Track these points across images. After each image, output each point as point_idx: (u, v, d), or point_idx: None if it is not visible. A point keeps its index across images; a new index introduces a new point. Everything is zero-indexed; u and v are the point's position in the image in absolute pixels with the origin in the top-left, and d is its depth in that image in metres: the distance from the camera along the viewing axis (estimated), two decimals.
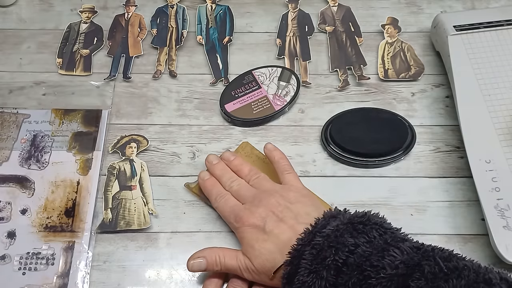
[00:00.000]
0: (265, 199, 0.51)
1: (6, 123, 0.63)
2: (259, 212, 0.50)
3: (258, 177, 0.55)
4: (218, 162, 0.57)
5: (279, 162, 0.55)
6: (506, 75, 0.61)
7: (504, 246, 0.51)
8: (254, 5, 0.76)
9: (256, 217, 0.50)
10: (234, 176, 0.56)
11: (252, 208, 0.51)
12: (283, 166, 0.55)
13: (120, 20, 0.74)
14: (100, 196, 0.58)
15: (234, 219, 0.51)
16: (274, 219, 0.49)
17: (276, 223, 0.48)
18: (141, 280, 0.54)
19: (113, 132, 0.63)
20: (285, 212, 0.49)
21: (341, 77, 0.68)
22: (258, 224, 0.49)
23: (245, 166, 0.56)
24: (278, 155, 0.56)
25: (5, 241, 0.55)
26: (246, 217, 0.50)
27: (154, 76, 0.68)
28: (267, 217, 0.49)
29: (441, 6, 0.75)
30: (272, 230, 0.48)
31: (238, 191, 0.54)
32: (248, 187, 0.54)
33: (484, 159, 0.56)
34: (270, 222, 0.49)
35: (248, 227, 0.50)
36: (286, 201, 0.50)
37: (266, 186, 0.53)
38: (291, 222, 0.48)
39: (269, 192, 0.52)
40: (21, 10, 0.75)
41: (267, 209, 0.50)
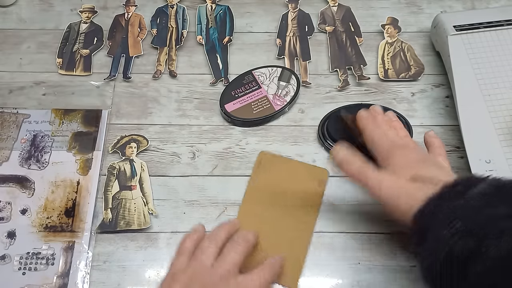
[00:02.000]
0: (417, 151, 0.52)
1: (6, 123, 0.63)
2: (411, 153, 0.51)
3: (414, 142, 0.54)
4: (381, 114, 0.57)
5: (436, 149, 0.54)
6: (506, 75, 0.61)
7: None
8: (254, 5, 0.76)
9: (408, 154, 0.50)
10: (391, 129, 0.55)
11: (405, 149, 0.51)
12: (439, 152, 0.53)
13: (120, 20, 0.74)
14: (100, 196, 0.58)
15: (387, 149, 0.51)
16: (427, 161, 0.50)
17: (429, 164, 0.49)
18: (141, 280, 0.54)
19: (113, 132, 0.63)
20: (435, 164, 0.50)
21: (341, 77, 0.68)
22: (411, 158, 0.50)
23: (403, 131, 0.56)
24: (438, 142, 0.55)
25: (5, 241, 0.55)
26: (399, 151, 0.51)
27: (154, 76, 0.68)
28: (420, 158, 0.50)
29: (441, 6, 0.75)
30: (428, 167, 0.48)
31: (395, 140, 0.53)
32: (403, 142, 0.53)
33: (484, 159, 0.56)
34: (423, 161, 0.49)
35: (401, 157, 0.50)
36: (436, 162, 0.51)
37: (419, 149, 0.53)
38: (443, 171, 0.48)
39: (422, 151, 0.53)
40: (21, 10, 0.75)
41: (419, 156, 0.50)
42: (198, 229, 0.53)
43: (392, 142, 0.52)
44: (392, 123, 0.56)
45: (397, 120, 0.57)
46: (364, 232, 0.56)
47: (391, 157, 0.50)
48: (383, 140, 0.53)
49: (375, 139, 0.53)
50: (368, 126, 0.55)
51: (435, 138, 0.55)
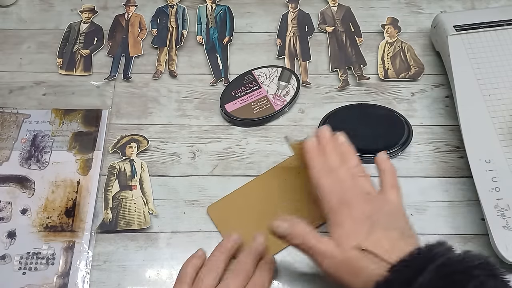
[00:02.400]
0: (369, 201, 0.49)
1: (6, 123, 0.63)
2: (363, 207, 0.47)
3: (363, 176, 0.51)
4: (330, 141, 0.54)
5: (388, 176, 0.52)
6: (506, 75, 0.61)
7: (504, 246, 0.51)
8: (254, 5, 0.76)
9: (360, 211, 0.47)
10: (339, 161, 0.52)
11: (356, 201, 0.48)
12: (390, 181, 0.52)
13: (120, 20, 0.74)
14: (100, 196, 0.58)
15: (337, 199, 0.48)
16: (379, 223, 0.46)
17: (380, 229, 0.46)
18: (141, 280, 0.54)
19: (113, 132, 0.63)
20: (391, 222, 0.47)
21: (341, 77, 0.68)
22: (361, 220, 0.47)
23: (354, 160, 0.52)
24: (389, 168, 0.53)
25: (5, 241, 0.55)
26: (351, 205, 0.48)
27: (154, 76, 0.68)
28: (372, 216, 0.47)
29: (441, 6, 0.75)
30: (375, 232, 0.45)
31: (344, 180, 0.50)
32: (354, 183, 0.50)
33: (484, 159, 0.56)
34: (375, 224, 0.46)
35: (350, 217, 0.47)
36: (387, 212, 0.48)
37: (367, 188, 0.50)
38: (396, 234, 0.45)
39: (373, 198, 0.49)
40: (21, 10, 0.75)
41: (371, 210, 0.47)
42: (198, 254, 0.52)
43: (340, 187, 0.49)
44: (342, 148, 0.53)
45: (347, 145, 0.54)
46: None
47: (338, 215, 0.48)
48: (330, 186, 0.50)
49: (321, 187, 0.50)
50: (314, 162, 0.52)
51: (385, 162, 0.53)
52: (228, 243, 0.52)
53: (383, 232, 0.46)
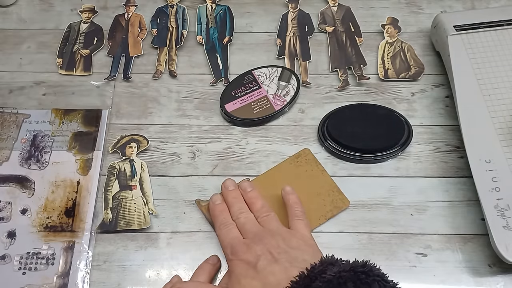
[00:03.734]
0: (266, 239, 0.50)
1: (6, 123, 0.63)
2: (255, 249, 0.49)
3: (267, 216, 0.53)
4: (233, 189, 0.56)
5: (292, 207, 0.54)
6: (506, 75, 0.61)
7: (504, 246, 0.51)
8: (254, 5, 0.76)
9: (251, 253, 0.49)
10: (244, 208, 0.55)
11: (250, 244, 0.50)
12: (295, 212, 0.54)
13: (120, 20, 0.74)
14: (100, 196, 0.58)
15: (230, 251, 0.50)
16: (268, 258, 0.48)
17: (269, 263, 0.48)
18: (141, 280, 0.54)
19: (113, 132, 0.63)
20: (282, 255, 0.48)
21: (341, 77, 0.68)
22: (250, 261, 0.48)
23: (259, 201, 0.55)
24: (293, 199, 0.55)
25: (5, 241, 0.55)
26: (241, 251, 0.49)
27: (154, 76, 0.68)
28: (262, 255, 0.48)
29: (441, 6, 0.75)
30: (264, 269, 0.47)
31: (244, 224, 0.53)
32: (254, 223, 0.53)
33: (484, 159, 0.56)
34: (263, 261, 0.48)
35: (241, 261, 0.49)
36: (287, 245, 0.49)
37: (272, 226, 0.52)
38: (285, 264, 0.47)
39: (273, 232, 0.51)
40: (21, 10, 0.75)
41: (264, 248, 0.49)
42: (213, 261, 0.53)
43: (235, 238, 0.51)
44: (247, 195, 0.56)
45: (252, 188, 0.56)
46: (364, 232, 0.56)
47: (230, 262, 0.50)
48: (227, 238, 0.52)
49: (220, 238, 0.53)
50: (217, 219, 0.54)
51: (290, 195, 0.55)
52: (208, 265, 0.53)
53: (272, 266, 0.47)
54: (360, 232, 0.56)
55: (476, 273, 0.54)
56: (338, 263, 0.44)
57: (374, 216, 0.57)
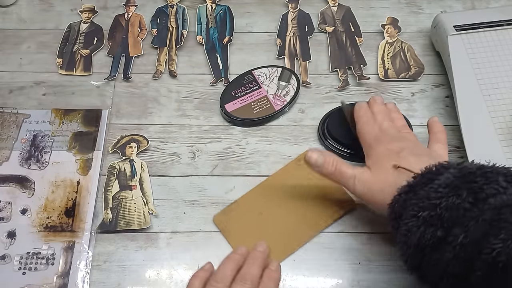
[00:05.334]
0: (407, 141, 0.52)
1: (6, 123, 0.63)
2: (398, 144, 0.51)
3: (409, 132, 0.55)
4: (381, 104, 0.58)
5: (437, 134, 0.55)
6: (506, 75, 0.61)
7: None
8: (254, 5, 0.76)
9: (394, 144, 0.51)
10: (388, 119, 0.56)
11: (394, 139, 0.52)
12: (438, 137, 0.54)
13: (120, 20, 0.74)
14: (100, 196, 0.58)
15: (374, 138, 0.52)
16: (411, 151, 0.49)
17: (411, 154, 0.49)
18: (141, 280, 0.54)
19: (113, 132, 0.63)
20: (424, 153, 0.50)
21: (341, 77, 0.68)
22: (394, 149, 0.50)
23: (402, 121, 0.56)
24: (439, 127, 0.56)
25: (5, 241, 0.55)
26: (385, 141, 0.51)
27: (154, 76, 0.68)
28: (405, 148, 0.50)
29: (441, 6, 0.75)
30: (407, 157, 0.48)
31: (387, 129, 0.54)
32: (396, 130, 0.54)
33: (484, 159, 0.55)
34: (406, 152, 0.49)
35: (384, 147, 0.50)
36: (427, 151, 0.51)
37: (413, 139, 0.54)
38: (426, 158, 0.48)
39: (414, 141, 0.53)
40: (21, 10, 0.75)
41: (406, 145, 0.50)
42: (205, 268, 0.52)
43: (380, 131, 0.53)
44: (391, 114, 0.57)
45: (396, 111, 0.58)
46: (364, 232, 0.56)
47: (374, 147, 0.51)
48: (371, 129, 0.54)
49: (364, 129, 0.54)
50: (362, 118, 0.56)
51: (436, 122, 0.56)
52: (235, 255, 0.52)
53: (414, 157, 0.48)
54: (361, 232, 0.56)
55: None
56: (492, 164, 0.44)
57: (374, 216, 0.57)
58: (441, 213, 0.40)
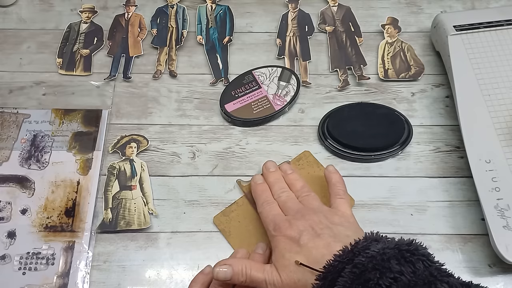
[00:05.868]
0: (307, 215, 0.50)
1: (6, 123, 0.63)
2: (297, 225, 0.49)
3: (308, 195, 0.54)
4: (274, 171, 0.57)
5: (335, 185, 0.54)
6: (506, 75, 0.61)
7: (504, 246, 0.51)
8: (254, 5, 0.76)
9: (293, 229, 0.49)
10: (285, 188, 0.55)
11: (292, 221, 0.50)
12: (337, 190, 0.54)
13: (120, 20, 0.74)
14: (100, 196, 0.58)
15: (273, 228, 0.50)
16: (311, 233, 0.48)
17: (312, 238, 0.47)
18: (141, 280, 0.54)
19: (113, 132, 0.63)
20: (325, 230, 0.48)
21: (341, 77, 0.68)
22: (293, 236, 0.48)
23: (299, 182, 0.56)
24: (336, 178, 0.55)
25: (5, 241, 0.55)
26: (284, 228, 0.49)
27: (154, 76, 0.68)
28: (304, 230, 0.48)
29: (441, 6, 0.75)
30: (307, 244, 0.47)
31: (285, 202, 0.53)
32: (295, 201, 0.53)
33: (484, 159, 0.56)
34: (306, 236, 0.48)
35: (284, 237, 0.49)
36: (329, 221, 0.49)
37: (313, 204, 0.53)
38: (328, 239, 0.47)
39: (314, 210, 0.51)
40: (21, 10, 0.75)
41: (306, 224, 0.49)
42: (205, 271, 0.52)
43: (277, 215, 0.51)
44: (287, 177, 0.56)
45: (292, 171, 0.57)
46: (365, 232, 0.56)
47: (274, 238, 0.50)
48: (271, 211, 0.52)
49: (262, 216, 0.53)
50: (260, 198, 0.54)
51: (332, 173, 0.56)
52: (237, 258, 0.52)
53: (315, 241, 0.47)
54: None
55: (476, 273, 0.54)
56: (383, 240, 0.44)
57: (374, 216, 0.57)
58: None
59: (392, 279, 0.40)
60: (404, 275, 0.40)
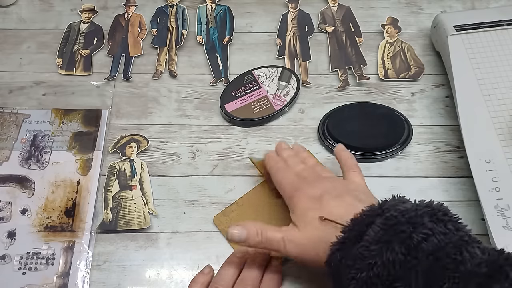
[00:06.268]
0: (325, 181, 0.50)
1: (6, 123, 0.63)
2: (318, 186, 0.49)
3: (322, 169, 0.54)
4: (287, 148, 0.57)
5: (347, 160, 0.54)
6: (506, 75, 0.61)
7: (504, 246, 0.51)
8: (254, 5, 0.76)
9: (315, 188, 0.49)
10: (300, 162, 0.55)
11: (312, 183, 0.50)
12: (349, 165, 0.53)
13: (120, 20, 0.74)
14: (100, 196, 0.58)
15: (293, 187, 0.50)
16: (332, 194, 0.48)
17: (334, 198, 0.47)
18: (141, 280, 0.54)
19: (113, 132, 0.63)
20: (344, 193, 0.48)
21: (341, 77, 0.68)
22: (315, 194, 0.48)
23: (312, 159, 0.56)
24: (346, 154, 0.55)
25: (5, 241, 0.55)
26: (304, 187, 0.49)
27: (154, 76, 0.68)
28: (325, 191, 0.48)
29: (441, 6, 0.75)
30: (329, 202, 0.47)
31: (301, 172, 0.53)
32: (311, 171, 0.53)
33: (484, 159, 0.56)
34: (327, 196, 0.47)
35: (305, 196, 0.48)
36: (346, 187, 0.49)
37: (328, 175, 0.53)
38: (350, 199, 0.47)
39: (330, 179, 0.51)
40: (21, 10, 0.75)
41: (326, 186, 0.49)
42: (205, 271, 0.52)
43: (296, 176, 0.51)
44: (300, 154, 0.56)
45: (304, 150, 0.57)
46: None
47: (294, 199, 0.49)
48: (287, 176, 0.52)
49: (278, 180, 0.53)
50: (273, 168, 0.54)
51: (342, 151, 0.55)
52: (235, 258, 0.52)
53: (336, 200, 0.47)
54: None
55: None
56: (410, 202, 0.44)
57: None
58: (379, 272, 0.39)
59: (425, 235, 0.39)
60: (435, 235, 0.40)
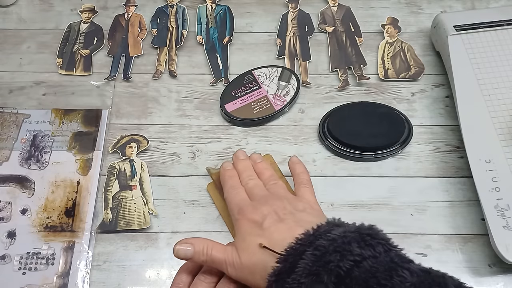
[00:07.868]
0: (272, 201, 0.51)
1: (6, 123, 0.63)
2: (261, 210, 0.49)
3: (275, 183, 0.54)
4: (244, 159, 0.57)
5: (299, 175, 0.55)
6: (506, 75, 0.61)
7: (504, 246, 0.51)
8: (254, 5, 0.76)
9: (257, 213, 0.49)
10: (253, 175, 0.55)
11: (256, 205, 0.50)
12: (301, 179, 0.55)
13: (120, 20, 0.74)
14: (100, 196, 0.58)
15: (237, 211, 0.51)
16: (274, 218, 0.48)
17: (275, 222, 0.48)
18: (141, 280, 0.54)
19: (113, 132, 0.63)
20: (288, 215, 0.48)
21: (341, 77, 0.68)
22: (257, 219, 0.48)
23: (268, 171, 0.56)
24: (300, 168, 0.56)
25: (5, 241, 0.55)
26: (248, 211, 0.50)
27: (154, 76, 0.68)
28: (268, 215, 0.48)
29: (441, 6, 0.75)
30: (269, 227, 0.47)
31: (252, 189, 0.53)
32: (262, 188, 0.54)
33: (484, 159, 0.56)
34: (269, 220, 0.48)
35: (247, 220, 0.49)
36: (293, 207, 0.50)
37: (279, 191, 0.53)
38: (291, 224, 0.47)
39: (280, 197, 0.52)
40: (21, 10, 0.75)
41: (270, 209, 0.49)
42: None
43: (242, 198, 0.52)
44: (256, 166, 0.57)
45: (261, 161, 0.58)
46: None
47: (238, 221, 0.50)
48: (236, 196, 0.53)
49: (228, 200, 0.53)
50: (227, 183, 0.55)
51: (296, 164, 0.56)
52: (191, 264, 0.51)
53: (277, 225, 0.47)
54: None
55: (476, 273, 0.54)
56: (344, 225, 0.44)
57: (374, 216, 0.57)
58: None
59: (353, 263, 0.40)
60: (365, 260, 0.40)
